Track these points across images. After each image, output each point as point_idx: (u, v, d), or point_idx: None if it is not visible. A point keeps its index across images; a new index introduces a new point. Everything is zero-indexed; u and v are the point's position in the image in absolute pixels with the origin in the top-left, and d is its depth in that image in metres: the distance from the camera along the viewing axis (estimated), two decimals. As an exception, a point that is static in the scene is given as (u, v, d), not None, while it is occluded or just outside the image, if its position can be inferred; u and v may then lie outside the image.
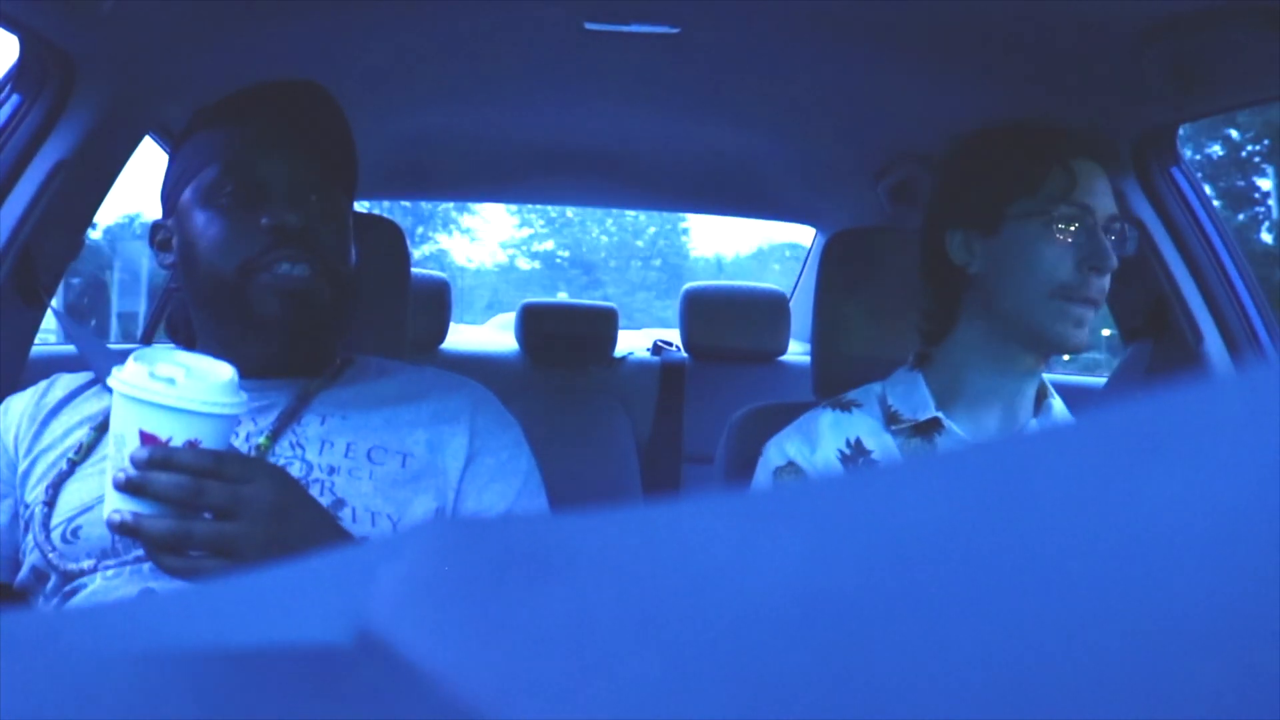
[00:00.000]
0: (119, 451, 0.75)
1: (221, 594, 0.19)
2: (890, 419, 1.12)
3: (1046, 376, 1.16)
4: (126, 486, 0.74)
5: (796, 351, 2.54)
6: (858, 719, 0.13)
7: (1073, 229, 1.05)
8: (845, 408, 1.14)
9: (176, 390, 0.74)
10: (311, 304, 0.95)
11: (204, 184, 0.98)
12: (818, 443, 1.12)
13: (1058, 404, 1.15)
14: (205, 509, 0.75)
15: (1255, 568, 0.13)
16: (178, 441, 0.75)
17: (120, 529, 0.75)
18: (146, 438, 0.75)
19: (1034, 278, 1.05)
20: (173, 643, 0.17)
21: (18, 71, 1.32)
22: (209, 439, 0.76)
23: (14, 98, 1.33)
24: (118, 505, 0.75)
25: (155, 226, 1.04)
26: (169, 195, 1.02)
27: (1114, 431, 0.16)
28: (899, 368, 1.17)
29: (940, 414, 1.10)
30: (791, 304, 2.56)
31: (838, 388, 1.21)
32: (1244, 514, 0.13)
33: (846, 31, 1.45)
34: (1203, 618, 0.12)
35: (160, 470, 0.74)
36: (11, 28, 1.23)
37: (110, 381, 0.77)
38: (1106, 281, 1.05)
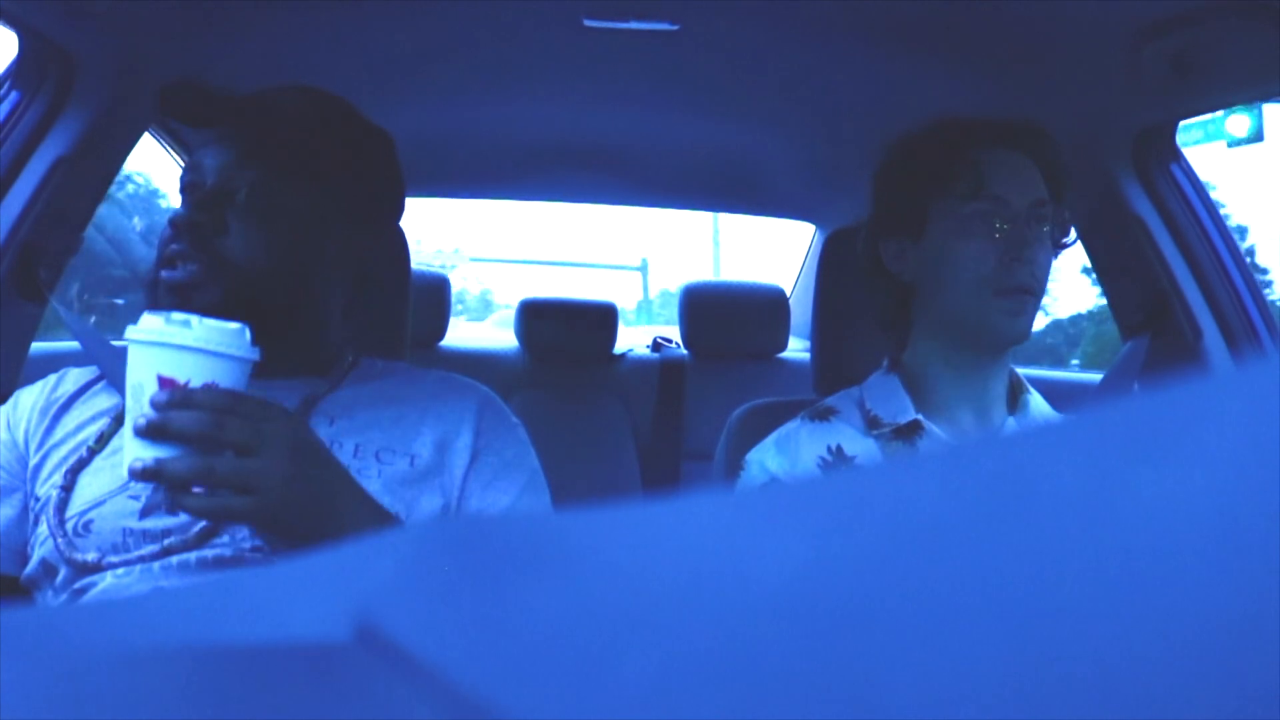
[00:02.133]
0: (137, 401, 0.76)
1: (221, 590, 0.19)
2: (871, 423, 1.11)
3: (1035, 373, 1.17)
4: (147, 430, 0.74)
5: (796, 348, 2.54)
6: (855, 714, 0.13)
7: (989, 222, 1.06)
8: (823, 416, 1.14)
9: (193, 332, 0.76)
10: (196, 302, 0.91)
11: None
12: (798, 455, 1.11)
13: (1035, 399, 1.15)
14: (226, 445, 0.76)
15: (1253, 564, 0.13)
16: (196, 384, 0.76)
17: (142, 475, 0.75)
18: (165, 382, 0.76)
19: (960, 276, 1.07)
20: (173, 639, 0.17)
21: (17, 68, 1.32)
22: (225, 382, 0.77)
23: (13, 94, 1.33)
24: (138, 453, 0.75)
25: None
26: None
27: (1113, 427, 0.16)
28: (874, 372, 1.17)
29: (920, 416, 1.10)
30: (790, 300, 2.55)
31: (838, 385, 1.21)
32: (1243, 509, 0.13)
33: (846, 28, 1.45)
34: (1199, 613, 0.13)
35: (181, 409, 0.75)
36: (10, 24, 1.23)
37: (127, 333, 0.78)
38: (1037, 267, 1.06)
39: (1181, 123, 1.50)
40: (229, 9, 1.35)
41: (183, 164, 1.00)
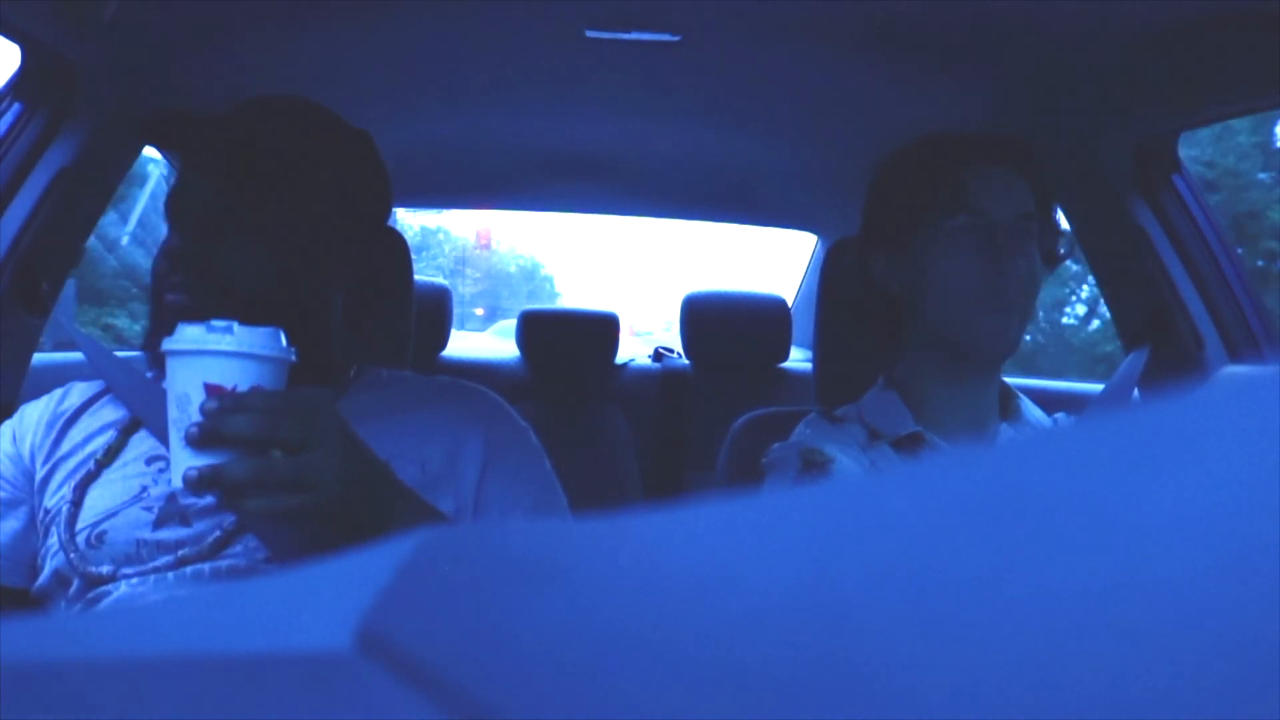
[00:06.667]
0: (183, 412, 0.76)
1: (223, 600, 0.19)
2: (871, 435, 1.12)
3: (1036, 383, 1.18)
4: (200, 437, 0.74)
5: (798, 359, 2.54)
6: None
7: (971, 237, 1.06)
8: (833, 421, 1.15)
9: (235, 337, 0.76)
10: None
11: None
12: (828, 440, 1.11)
13: (1026, 404, 1.17)
14: (282, 444, 0.76)
15: (1256, 574, 0.13)
16: (243, 388, 0.76)
17: (198, 484, 0.75)
18: (212, 389, 0.76)
19: (944, 290, 1.07)
20: (175, 649, 0.17)
21: (19, 80, 1.32)
22: (269, 384, 0.78)
23: (15, 106, 1.33)
24: (190, 462, 0.75)
25: None
26: None
27: (1115, 437, 0.16)
28: (869, 390, 1.18)
29: (920, 428, 1.10)
30: (792, 310, 2.55)
31: (840, 395, 1.21)
32: (1244, 519, 0.13)
33: (847, 38, 1.45)
34: (1201, 623, 0.12)
35: (234, 414, 0.75)
36: (13, 36, 1.23)
37: (166, 345, 0.78)
38: (1022, 281, 1.06)
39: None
40: (231, 21, 1.35)
41: (167, 188, 0.99)
